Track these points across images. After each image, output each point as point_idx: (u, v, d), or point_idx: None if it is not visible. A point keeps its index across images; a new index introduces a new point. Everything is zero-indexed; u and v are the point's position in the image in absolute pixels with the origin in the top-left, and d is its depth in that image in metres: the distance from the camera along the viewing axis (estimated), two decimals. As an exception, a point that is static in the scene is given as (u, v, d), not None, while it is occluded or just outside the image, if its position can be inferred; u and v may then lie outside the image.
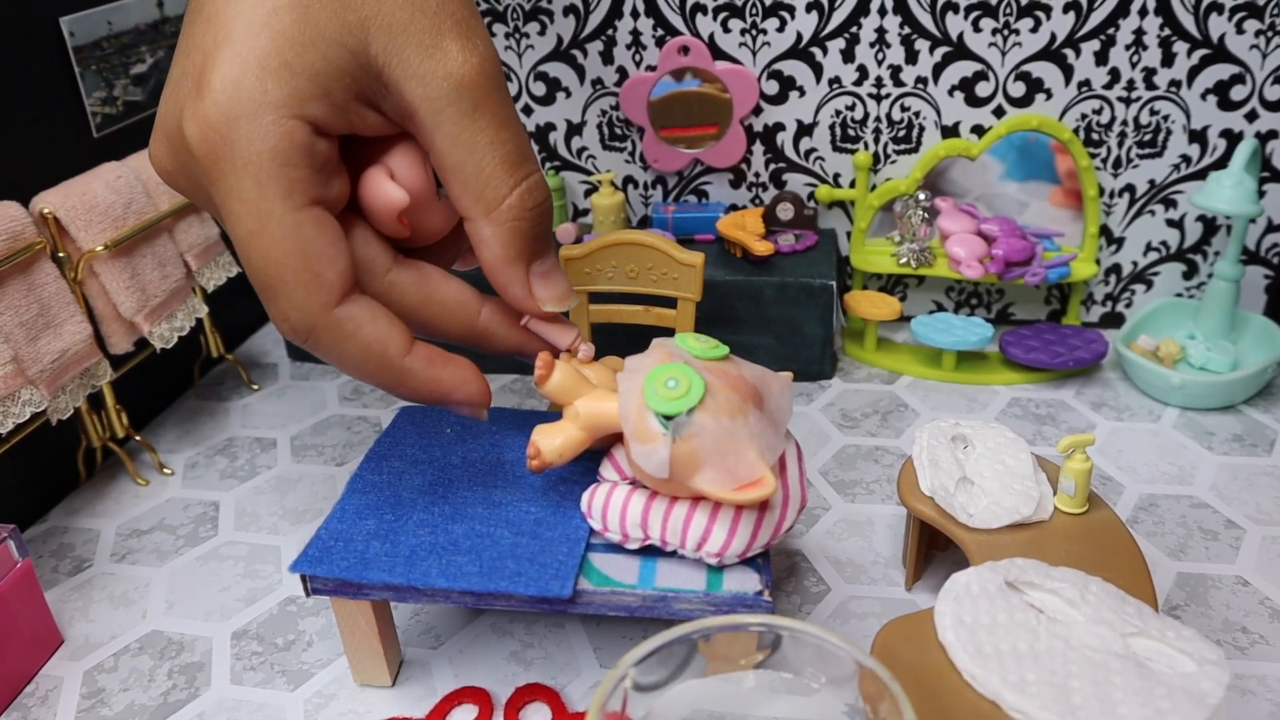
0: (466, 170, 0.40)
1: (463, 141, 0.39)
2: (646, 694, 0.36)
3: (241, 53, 0.36)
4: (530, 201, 0.41)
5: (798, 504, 0.45)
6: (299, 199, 0.37)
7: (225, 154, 0.36)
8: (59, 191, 0.62)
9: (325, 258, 0.38)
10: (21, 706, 0.50)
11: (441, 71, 0.38)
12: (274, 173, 0.36)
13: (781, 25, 0.77)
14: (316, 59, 0.37)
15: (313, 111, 0.37)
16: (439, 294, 0.44)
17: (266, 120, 0.36)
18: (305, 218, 0.38)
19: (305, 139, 0.37)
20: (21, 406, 0.57)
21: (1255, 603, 0.53)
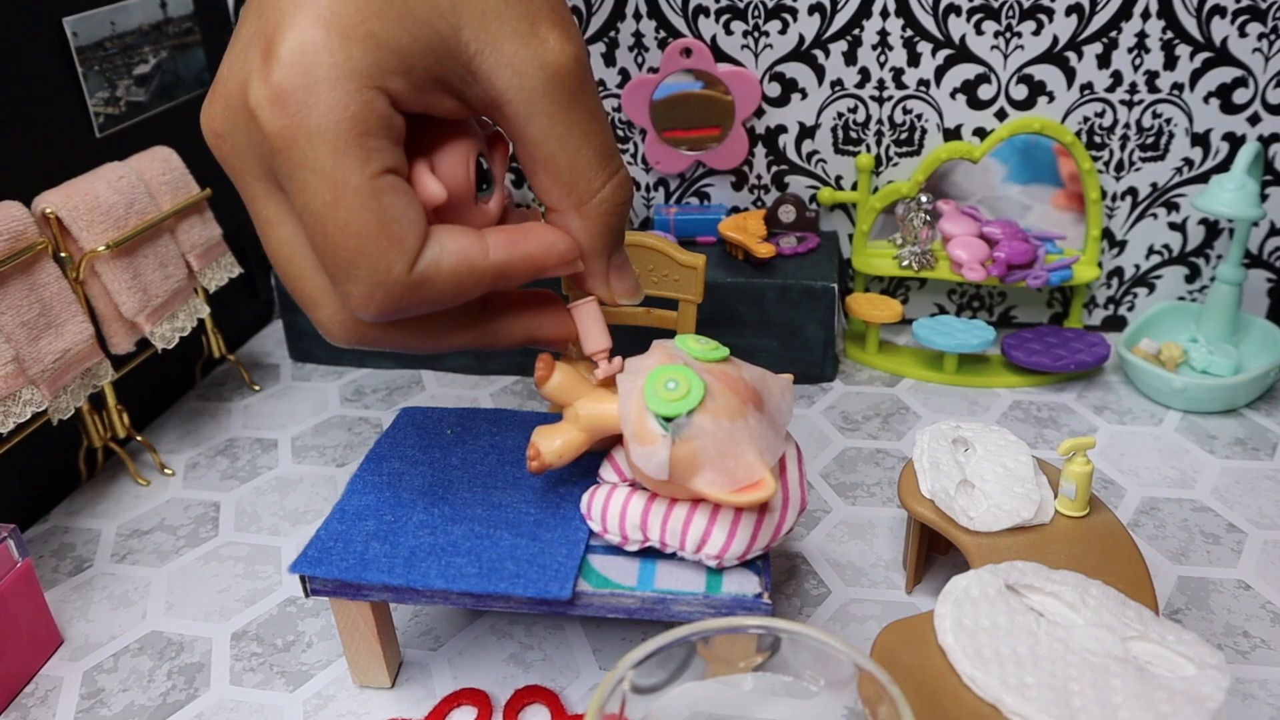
0: (561, 162, 0.39)
1: (557, 133, 0.38)
2: (645, 696, 0.36)
3: (325, 16, 0.34)
4: (621, 195, 0.41)
5: (797, 506, 0.45)
6: (375, 167, 0.36)
7: (300, 122, 0.34)
8: (61, 191, 0.62)
9: (406, 221, 0.37)
10: (21, 706, 0.50)
11: (538, 61, 0.37)
12: (352, 142, 0.35)
13: (784, 27, 0.77)
14: (403, 35, 0.35)
15: (395, 86, 0.36)
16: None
17: (349, 88, 0.34)
18: (383, 184, 0.36)
19: (385, 111, 0.36)
20: (23, 406, 0.57)
21: (1256, 607, 0.53)
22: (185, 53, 0.78)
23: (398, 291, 0.37)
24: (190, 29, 0.79)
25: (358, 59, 0.35)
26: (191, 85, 0.80)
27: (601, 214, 0.41)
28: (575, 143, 0.38)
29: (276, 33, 0.34)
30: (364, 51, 0.35)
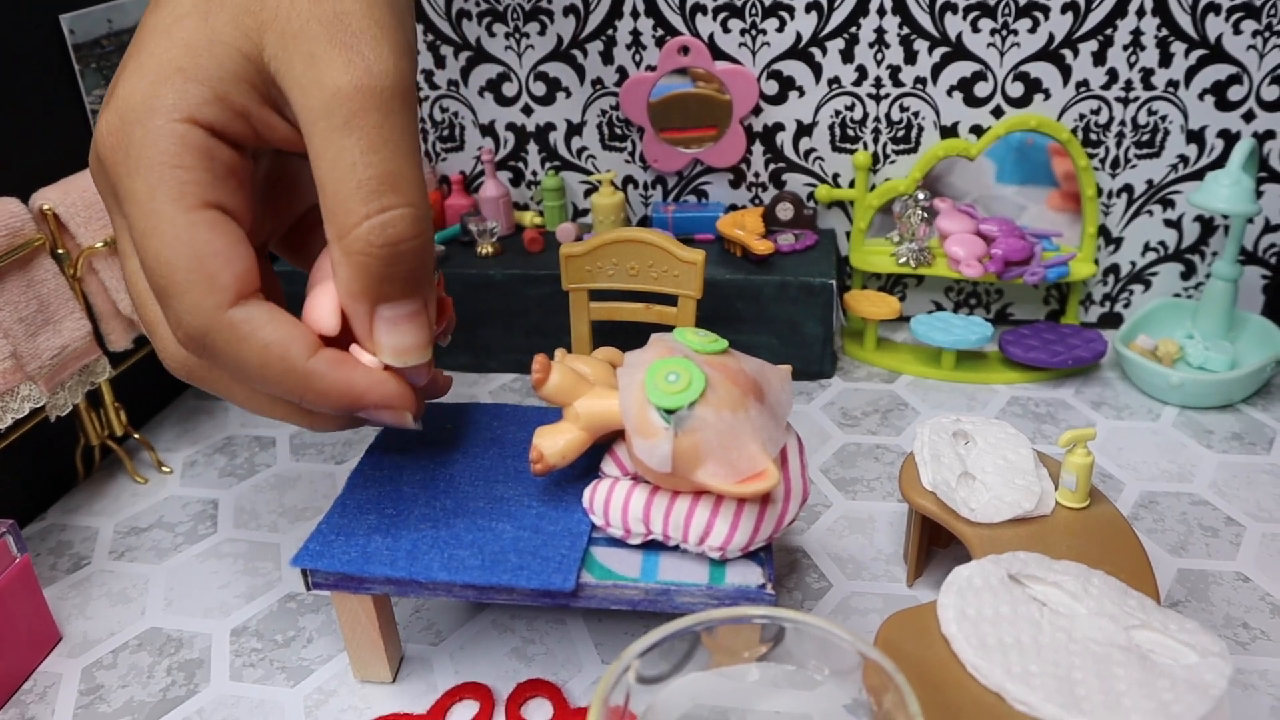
0: (326, 189, 0.37)
1: (326, 157, 0.36)
2: (649, 687, 0.36)
3: (142, 60, 0.37)
4: (381, 238, 0.37)
5: (800, 497, 0.45)
6: (191, 200, 0.37)
7: (121, 159, 0.37)
8: (58, 188, 0.62)
9: (220, 258, 0.37)
10: (20, 703, 0.50)
11: (318, 81, 0.36)
12: (164, 174, 0.36)
13: (781, 25, 0.77)
14: (210, 63, 0.37)
15: (207, 115, 0.37)
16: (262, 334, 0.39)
17: (157, 124, 0.36)
18: (199, 219, 0.37)
19: (199, 142, 0.37)
20: (20, 402, 0.57)
21: (1256, 598, 0.53)
22: (182, 51, 0.78)
23: (204, 327, 0.37)
24: (187, 27, 0.79)
25: (165, 95, 0.36)
26: (189, 83, 0.79)
27: (356, 252, 0.37)
28: (342, 171, 0.36)
29: (113, 85, 0.38)
30: (171, 87, 0.36)
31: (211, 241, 0.37)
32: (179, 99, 0.37)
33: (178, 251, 0.37)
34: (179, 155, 0.37)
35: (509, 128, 0.85)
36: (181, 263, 0.37)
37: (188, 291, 0.37)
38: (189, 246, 0.37)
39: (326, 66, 0.36)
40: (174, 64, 0.37)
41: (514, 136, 0.86)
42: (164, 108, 0.36)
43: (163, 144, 0.36)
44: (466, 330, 0.80)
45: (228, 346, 0.38)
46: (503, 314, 0.79)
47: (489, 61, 0.83)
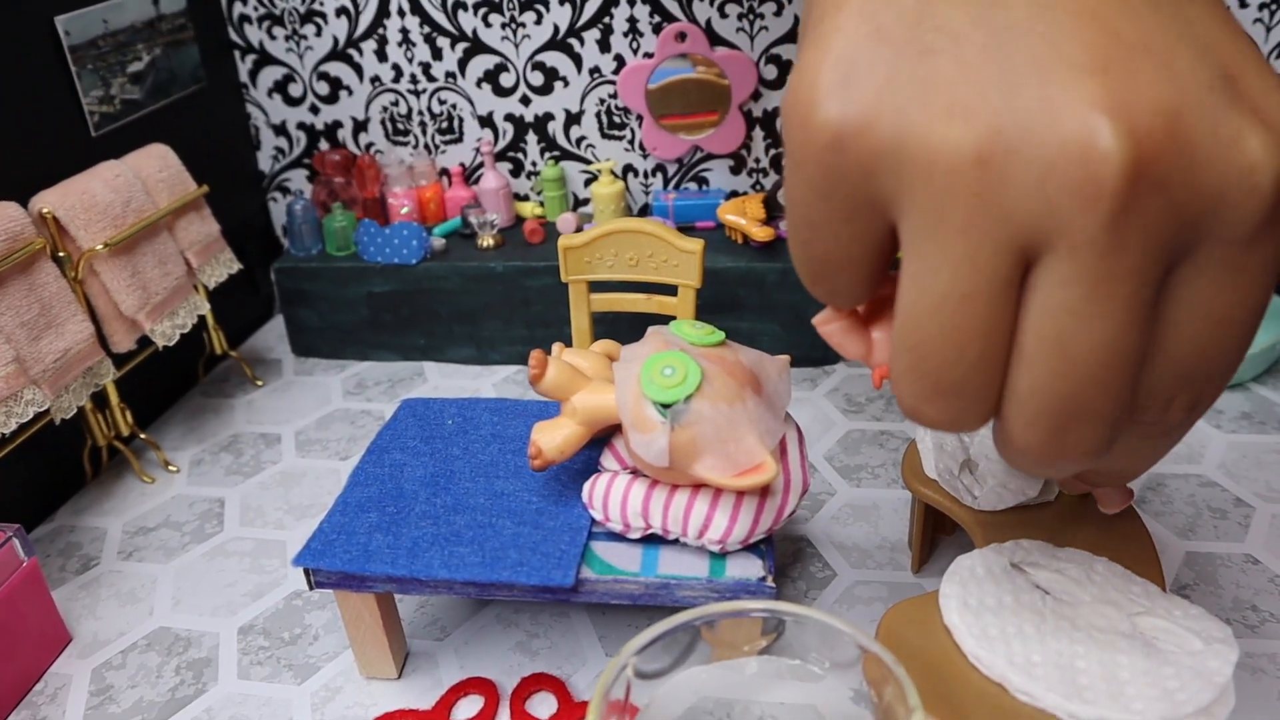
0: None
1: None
2: (650, 681, 0.36)
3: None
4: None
5: (799, 488, 0.45)
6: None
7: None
8: (58, 191, 0.62)
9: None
10: (31, 704, 0.51)
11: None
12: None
13: (779, 9, 0.77)
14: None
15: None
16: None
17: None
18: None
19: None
20: (25, 406, 0.57)
21: (1265, 580, 0.53)
22: (179, 50, 0.78)
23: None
24: (183, 25, 0.78)
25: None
26: (186, 82, 0.79)
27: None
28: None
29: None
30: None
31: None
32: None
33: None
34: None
35: (507, 118, 0.85)
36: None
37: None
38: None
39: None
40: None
41: (513, 127, 0.85)
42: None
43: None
44: (468, 323, 0.80)
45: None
46: (504, 306, 0.79)
47: (486, 52, 0.82)
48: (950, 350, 0.27)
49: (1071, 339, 0.25)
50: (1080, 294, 0.25)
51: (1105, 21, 0.24)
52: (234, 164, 0.88)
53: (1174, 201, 0.24)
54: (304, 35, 0.85)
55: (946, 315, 0.26)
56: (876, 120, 0.25)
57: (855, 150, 0.26)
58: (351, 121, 0.88)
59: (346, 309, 0.82)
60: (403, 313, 0.81)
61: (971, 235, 0.25)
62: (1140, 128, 0.23)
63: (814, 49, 0.27)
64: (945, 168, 0.25)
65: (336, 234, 0.81)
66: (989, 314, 0.26)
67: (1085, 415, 0.27)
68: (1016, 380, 0.27)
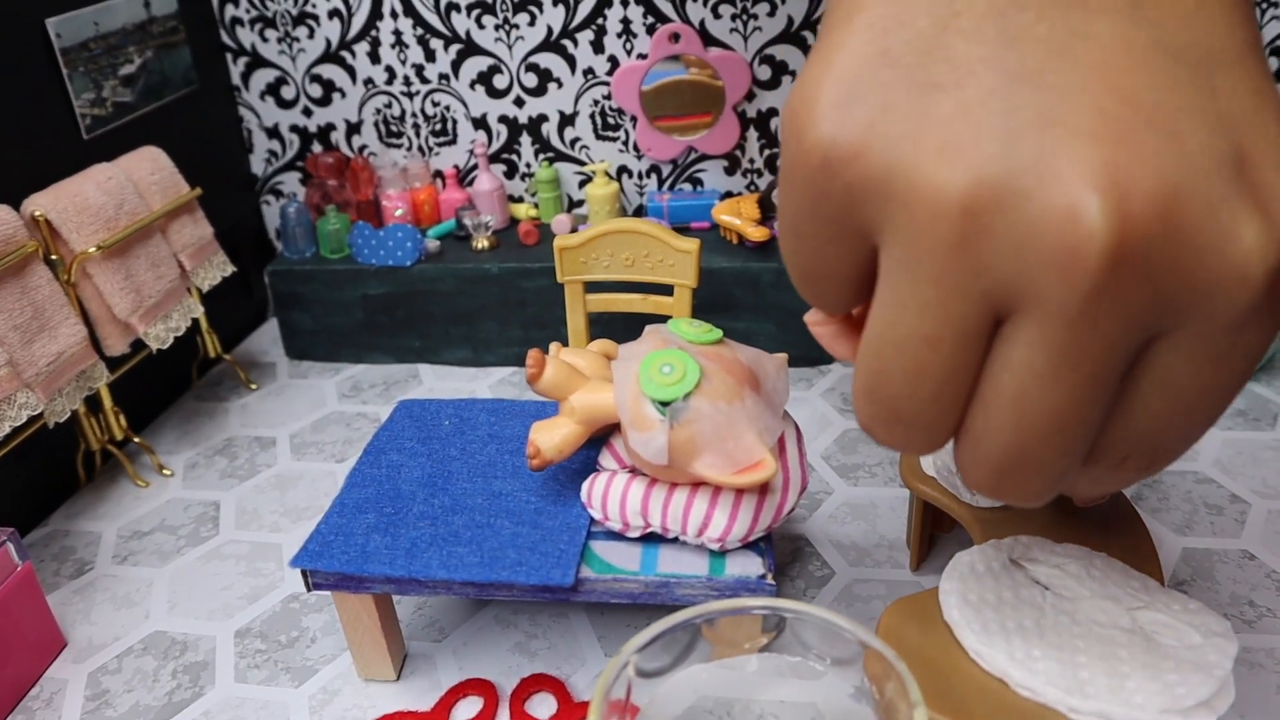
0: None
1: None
2: (650, 680, 0.36)
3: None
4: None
5: (798, 486, 0.45)
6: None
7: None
8: (50, 194, 0.61)
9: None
10: (26, 710, 0.50)
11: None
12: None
13: (772, 10, 0.77)
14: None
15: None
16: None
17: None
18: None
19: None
20: (18, 410, 0.56)
21: (1262, 576, 0.53)
22: (171, 52, 0.78)
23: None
24: (175, 28, 0.78)
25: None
26: (178, 85, 0.79)
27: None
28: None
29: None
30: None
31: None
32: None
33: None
34: None
35: (501, 120, 0.85)
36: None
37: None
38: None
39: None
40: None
41: (507, 129, 0.85)
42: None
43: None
44: (464, 324, 0.80)
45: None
46: (500, 307, 0.79)
47: (479, 54, 0.82)
48: (907, 385, 0.27)
49: (1029, 399, 0.25)
50: (1044, 359, 0.24)
51: (1119, 82, 0.23)
52: (226, 167, 0.88)
53: (1156, 285, 0.23)
54: (296, 37, 0.84)
55: (909, 353, 0.26)
56: (867, 149, 0.25)
57: (843, 176, 0.25)
58: (345, 124, 0.88)
59: (341, 312, 0.82)
60: (398, 315, 0.81)
61: (944, 282, 0.25)
62: (1132, 209, 0.22)
63: (820, 63, 0.26)
64: (929, 211, 0.24)
65: (330, 236, 0.81)
66: (950, 359, 0.26)
67: (1031, 468, 0.27)
68: (972, 419, 0.27)
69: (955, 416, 0.27)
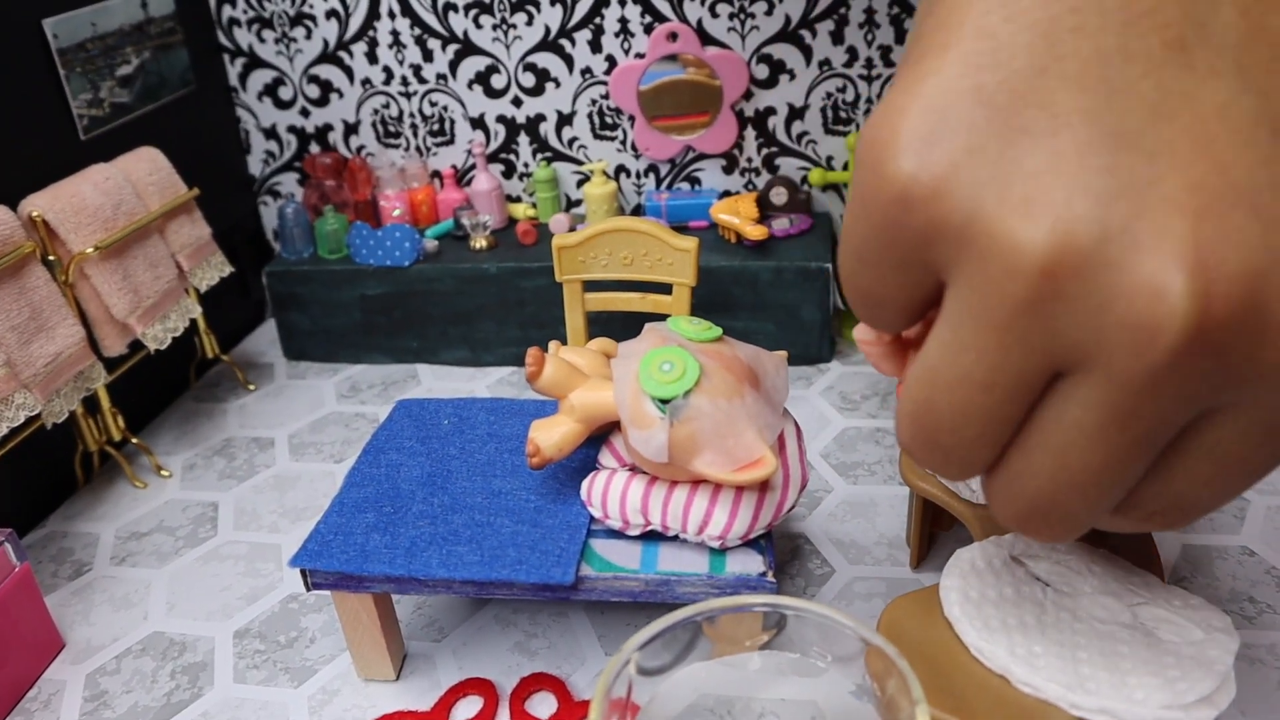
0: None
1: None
2: (651, 678, 0.36)
3: None
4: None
5: (799, 483, 0.45)
6: None
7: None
8: (47, 194, 0.61)
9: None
10: (24, 711, 0.50)
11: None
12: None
13: (770, 9, 0.77)
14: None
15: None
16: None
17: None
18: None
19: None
20: (16, 410, 0.56)
21: (1261, 572, 0.53)
22: (168, 53, 0.78)
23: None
24: (172, 29, 0.78)
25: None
26: (175, 86, 0.79)
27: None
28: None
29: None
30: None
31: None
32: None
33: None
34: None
35: (499, 120, 0.85)
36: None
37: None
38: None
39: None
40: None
41: (504, 129, 0.85)
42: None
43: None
44: (462, 324, 0.80)
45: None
46: (498, 307, 0.79)
47: (477, 54, 0.82)
48: (952, 422, 0.27)
49: (1073, 454, 0.25)
50: (1095, 419, 0.24)
51: (1216, 155, 0.23)
52: (224, 168, 0.88)
53: (1227, 366, 0.23)
54: (294, 38, 0.84)
55: (960, 393, 0.26)
56: (949, 191, 0.24)
57: (921, 214, 0.25)
58: (342, 124, 0.88)
59: (339, 312, 0.81)
60: (396, 315, 0.81)
61: (1009, 336, 0.24)
62: (1216, 291, 0.22)
63: (906, 91, 0.25)
64: (1005, 266, 0.23)
65: (328, 237, 0.81)
66: (1000, 406, 0.26)
67: (1061, 515, 0.27)
68: (1011, 459, 0.27)
69: (994, 455, 0.27)
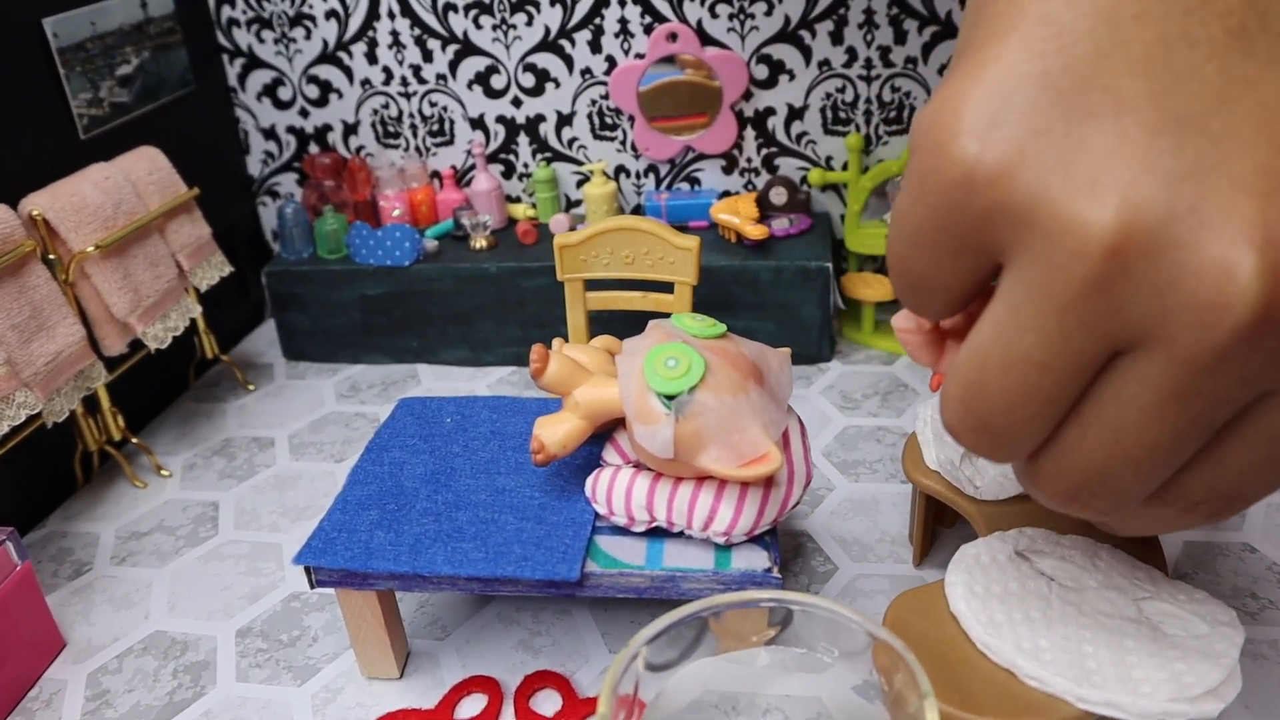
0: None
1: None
2: (658, 674, 0.36)
3: None
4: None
5: (803, 479, 0.45)
6: None
7: None
8: (47, 193, 0.61)
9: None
10: (25, 710, 0.50)
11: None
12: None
13: (769, 9, 0.77)
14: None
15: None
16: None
17: None
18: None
19: None
20: (16, 409, 0.56)
21: (1263, 568, 0.53)
22: (168, 53, 0.78)
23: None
24: (172, 29, 0.78)
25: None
26: (174, 86, 0.79)
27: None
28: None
29: None
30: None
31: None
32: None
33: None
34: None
35: (499, 120, 0.85)
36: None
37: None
38: None
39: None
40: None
41: (504, 129, 0.85)
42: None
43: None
44: (462, 324, 0.80)
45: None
46: (498, 307, 0.78)
47: (477, 54, 0.82)
48: (1006, 404, 0.26)
49: (1129, 429, 0.25)
50: (1155, 397, 0.24)
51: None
52: (223, 168, 0.88)
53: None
54: (293, 38, 0.84)
55: (1016, 374, 0.25)
56: (1014, 173, 0.24)
57: (983, 196, 0.24)
58: (342, 124, 0.87)
59: (338, 312, 0.81)
60: (395, 315, 0.80)
61: (1072, 317, 0.24)
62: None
63: (967, 76, 0.25)
64: (1071, 246, 0.23)
65: (328, 237, 0.81)
66: (1057, 387, 0.25)
67: (1110, 491, 0.27)
68: (1063, 434, 0.27)
69: (1044, 437, 0.27)
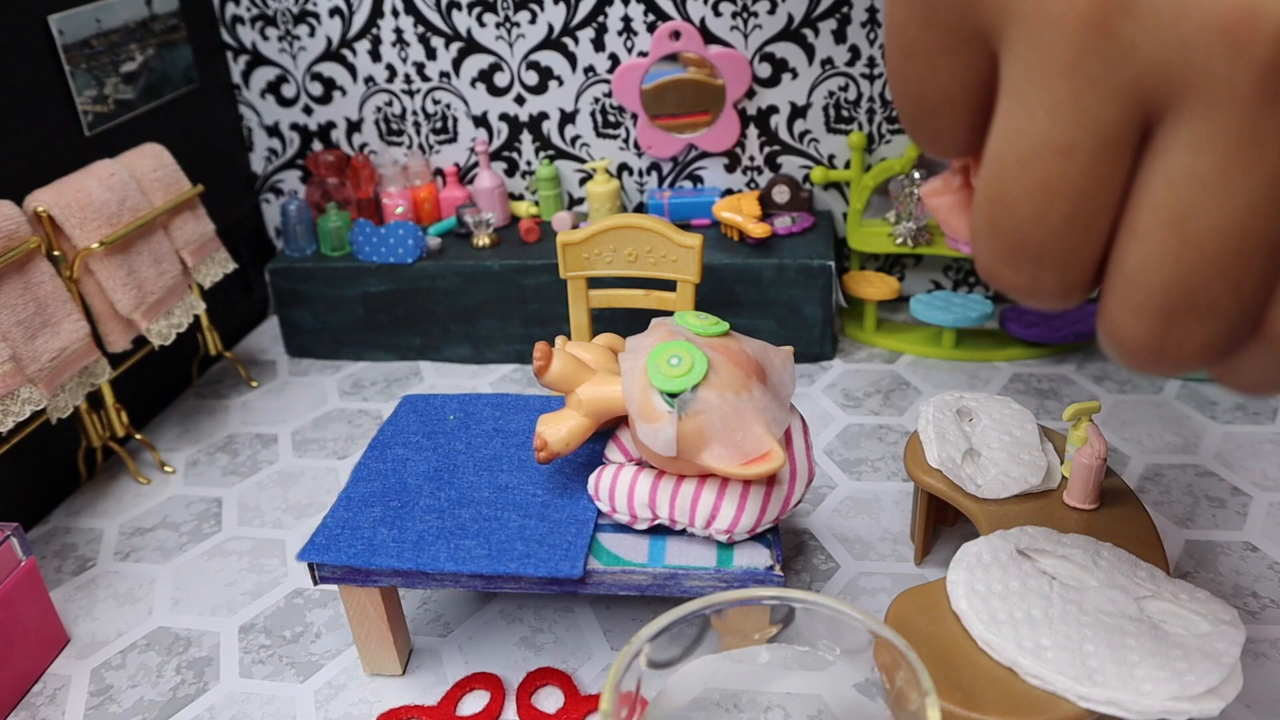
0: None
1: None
2: (660, 671, 0.36)
3: None
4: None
5: (805, 477, 0.45)
6: None
7: None
8: (52, 190, 0.61)
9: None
10: (29, 706, 0.50)
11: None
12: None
13: (772, 8, 0.77)
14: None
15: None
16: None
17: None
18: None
19: None
20: (21, 405, 0.56)
21: (1264, 567, 0.53)
22: (172, 50, 0.78)
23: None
24: (176, 26, 0.78)
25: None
26: (179, 83, 0.79)
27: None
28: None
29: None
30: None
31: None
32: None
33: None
34: None
35: (502, 118, 0.85)
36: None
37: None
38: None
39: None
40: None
41: (507, 127, 0.85)
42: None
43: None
44: (465, 322, 0.80)
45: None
46: (501, 305, 0.79)
47: (480, 52, 0.82)
48: (1034, 209, 0.23)
49: (1195, 216, 0.21)
50: (1213, 162, 0.20)
51: None
52: (227, 165, 0.88)
53: None
54: (297, 36, 0.84)
55: (1036, 169, 0.22)
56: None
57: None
58: (345, 122, 0.88)
59: (341, 309, 0.81)
60: (398, 312, 0.81)
61: (1079, 76, 0.21)
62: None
63: None
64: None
65: (332, 234, 0.81)
66: (1087, 171, 0.22)
67: (1201, 308, 0.22)
68: (1124, 257, 0.23)
69: (1094, 248, 0.23)
